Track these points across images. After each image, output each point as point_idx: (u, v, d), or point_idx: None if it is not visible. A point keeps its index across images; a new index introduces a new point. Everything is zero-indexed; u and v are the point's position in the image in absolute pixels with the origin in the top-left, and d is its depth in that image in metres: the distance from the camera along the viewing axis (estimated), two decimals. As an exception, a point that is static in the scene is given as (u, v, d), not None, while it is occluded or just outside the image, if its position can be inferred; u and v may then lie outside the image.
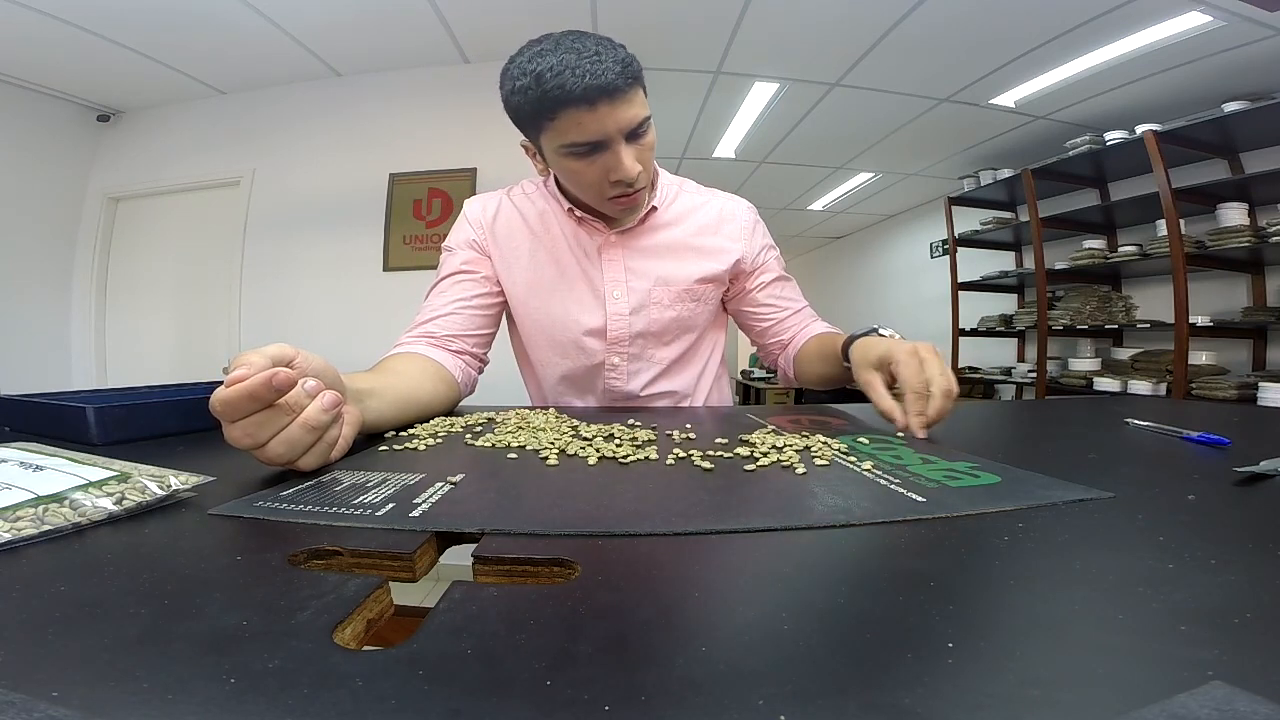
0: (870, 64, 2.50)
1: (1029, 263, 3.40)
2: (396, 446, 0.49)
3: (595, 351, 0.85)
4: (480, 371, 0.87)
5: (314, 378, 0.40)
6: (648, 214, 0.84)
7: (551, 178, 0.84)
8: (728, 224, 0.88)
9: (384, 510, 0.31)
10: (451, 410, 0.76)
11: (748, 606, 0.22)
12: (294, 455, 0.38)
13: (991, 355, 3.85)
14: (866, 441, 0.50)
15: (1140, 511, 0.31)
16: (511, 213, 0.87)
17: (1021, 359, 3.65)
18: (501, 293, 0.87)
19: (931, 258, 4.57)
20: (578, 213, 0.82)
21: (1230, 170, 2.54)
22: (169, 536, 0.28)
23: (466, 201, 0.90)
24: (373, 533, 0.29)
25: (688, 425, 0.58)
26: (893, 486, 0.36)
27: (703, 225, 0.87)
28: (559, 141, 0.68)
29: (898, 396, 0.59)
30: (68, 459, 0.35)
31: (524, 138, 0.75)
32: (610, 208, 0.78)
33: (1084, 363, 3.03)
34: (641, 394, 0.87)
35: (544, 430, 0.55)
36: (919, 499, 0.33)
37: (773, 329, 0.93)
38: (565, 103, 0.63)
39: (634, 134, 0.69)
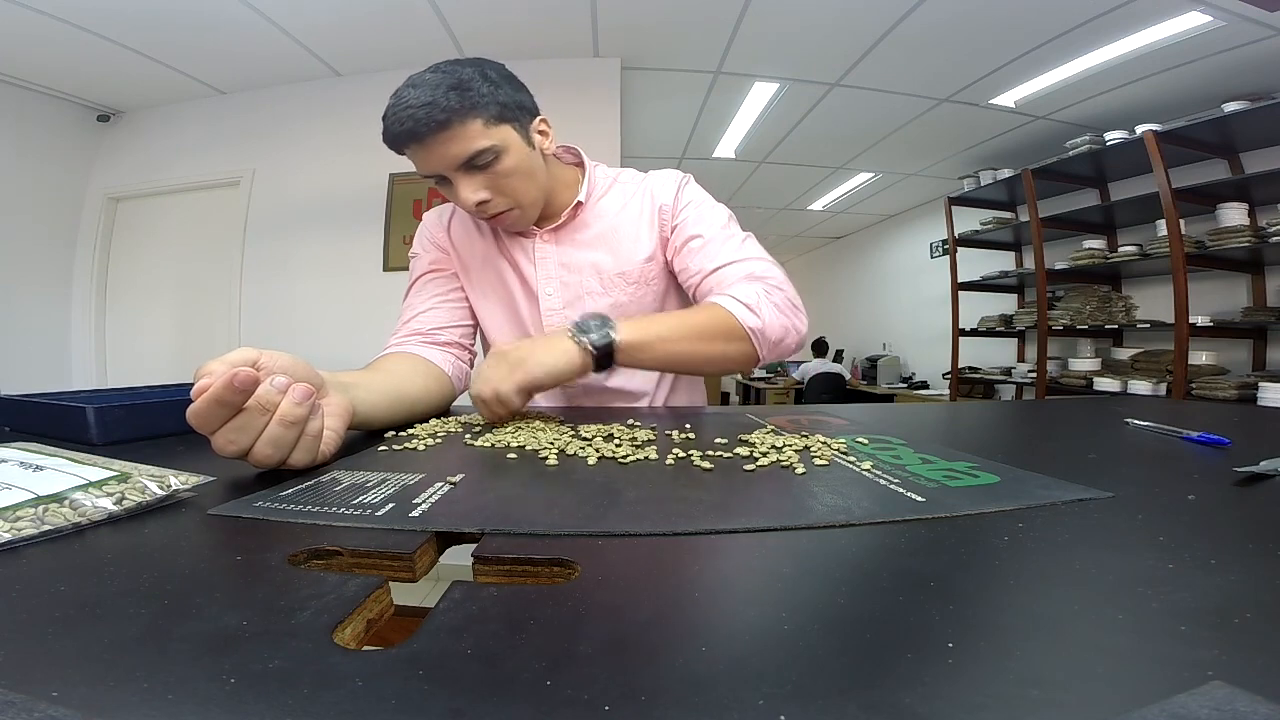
0: (870, 64, 2.50)
1: (1029, 263, 3.40)
2: (396, 446, 0.49)
3: None
4: (470, 364, 0.87)
5: (282, 375, 0.39)
6: (575, 209, 0.84)
7: None
8: (652, 197, 0.86)
9: (384, 510, 0.31)
10: (447, 406, 0.77)
11: (748, 606, 0.22)
12: (282, 454, 0.38)
13: (991, 355, 3.85)
14: (866, 441, 0.50)
15: (1140, 511, 0.31)
16: (463, 217, 0.90)
17: (1021, 359, 3.65)
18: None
19: (931, 258, 4.57)
20: None
21: (1230, 170, 2.54)
22: (169, 536, 0.28)
23: (425, 213, 0.94)
24: (372, 533, 0.29)
25: (687, 425, 0.58)
26: (892, 486, 0.36)
27: (633, 208, 0.87)
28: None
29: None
30: (68, 459, 0.35)
31: None
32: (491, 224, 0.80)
33: (1084, 363, 3.03)
34: (599, 388, 0.86)
35: (543, 430, 0.55)
36: (918, 499, 0.33)
37: (694, 295, 0.83)
38: (391, 144, 0.69)
39: (473, 165, 0.70)
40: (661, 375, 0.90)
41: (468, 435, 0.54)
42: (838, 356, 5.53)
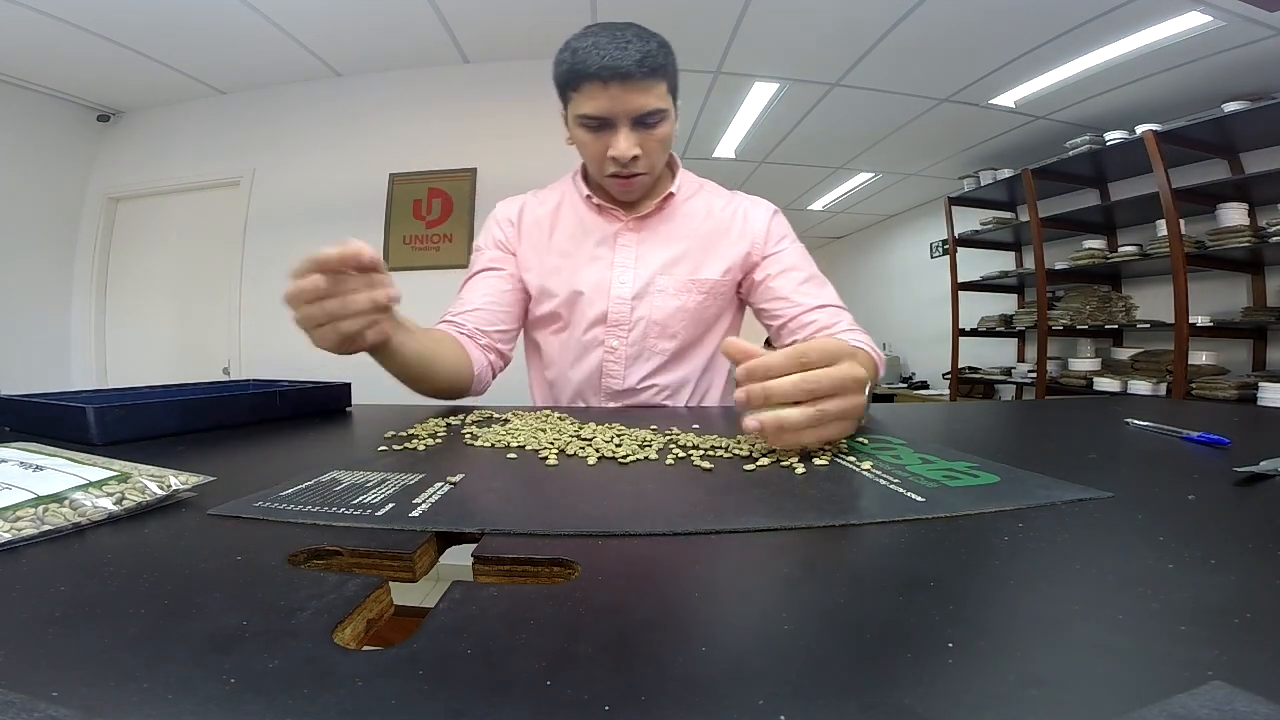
0: (870, 64, 2.50)
1: (1029, 263, 3.39)
2: (396, 447, 0.49)
3: (596, 331, 0.86)
4: (499, 370, 0.89)
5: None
6: (665, 200, 0.87)
7: (578, 170, 0.90)
8: (744, 220, 0.90)
9: (384, 510, 0.31)
10: (462, 394, 0.81)
11: (748, 606, 0.22)
12: (363, 322, 0.52)
13: (991, 355, 3.85)
14: (866, 442, 0.50)
15: (1140, 511, 0.31)
16: (536, 205, 0.93)
17: (1021, 359, 3.64)
18: (524, 288, 0.91)
19: (931, 258, 4.56)
20: (595, 199, 0.87)
21: (1230, 170, 2.54)
22: (169, 536, 0.28)
23: (498, 204, 0.95)
24: (372, 533, 0.29)
25: (688, 425, 0.58)
26: (892, 486, 0.36)
27: (720, 221, 0.89)
28: (576, 111, 0.76)
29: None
30: (68, 459, 0.35)
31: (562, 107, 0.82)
32: (609, 184, 0.83)
33: (1084, 363, 3.03)
34: (638, 387, 0.87)
35: (544, 430, 0.55)
36: (918, 499, 0.33)
37: (788, 325, 0.85)
38: (585, 76, 0.72)
39: (642, 121, 0.75)
40: (703, 373, 0.91)
41: (468, 435, 0.54)
42: (838, 356, 5.52)
